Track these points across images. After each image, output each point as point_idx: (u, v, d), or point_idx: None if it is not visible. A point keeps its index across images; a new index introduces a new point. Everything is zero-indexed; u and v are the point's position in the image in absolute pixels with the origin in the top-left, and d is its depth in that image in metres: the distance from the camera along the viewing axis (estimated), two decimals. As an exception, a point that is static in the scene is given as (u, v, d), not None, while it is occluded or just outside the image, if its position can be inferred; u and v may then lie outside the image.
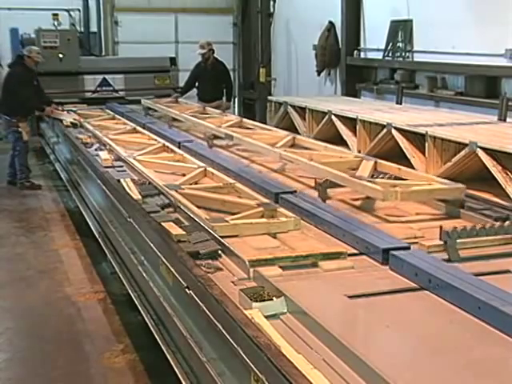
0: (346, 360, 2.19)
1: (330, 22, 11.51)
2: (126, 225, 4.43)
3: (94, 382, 4.07)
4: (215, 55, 10.03)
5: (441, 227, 3.28)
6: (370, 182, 4.19)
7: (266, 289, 2.75)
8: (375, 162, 4.85)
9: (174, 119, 8.17)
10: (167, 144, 6.11)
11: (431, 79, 9.18)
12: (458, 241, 3.19)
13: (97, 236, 5.67)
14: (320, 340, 2.36)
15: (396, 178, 4.52)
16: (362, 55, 11.09)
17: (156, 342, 3.49)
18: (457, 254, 3.15)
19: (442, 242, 3.26)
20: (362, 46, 11.08)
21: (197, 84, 10.18)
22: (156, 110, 9.06)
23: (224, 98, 10.02)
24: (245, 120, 7.56)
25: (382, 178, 4.51)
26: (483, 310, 2.44)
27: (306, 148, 5.81)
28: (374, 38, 10.69)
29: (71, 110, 9.29)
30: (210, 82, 9.92)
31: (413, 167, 5.34)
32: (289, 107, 8.34)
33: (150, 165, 5.29)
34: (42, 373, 4.17)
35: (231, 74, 11.12)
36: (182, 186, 4.44)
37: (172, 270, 3.27)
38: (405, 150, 5.77)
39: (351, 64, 11.05)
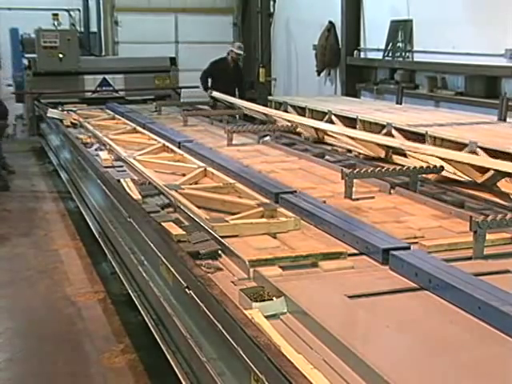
0: (346, 360, 2.19)
1: (330, 22, 11.51)
2: (126, 225, 4.43)
3: (94, 382, 4.07)
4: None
5: (471, 217, 3.27)
6: None
7: (265, 289, 2.74)
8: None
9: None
10: (167, 144, 6.11)
11: (431, 79, 9.18)
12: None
13: (97, 236, 5.67)
14: (320, 340, 2.36)
15: None
16: (362, 55, 11.09)
17: (156, 342, 3.49)
18: (482, 249, 3.12)
19: (442, 242, 3.27)
20: (362, 45, 11.08)
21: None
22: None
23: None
24: None
25: None
26: (483, 310, 2.43)
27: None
28: (374, 38, 10.69)
29: (71, 110, 9.29)
30: (230, 81, 10.41)
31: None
32: (289, 107, 8.34)
33: (150, 165, 5.28)
34: (41, 373, 4.17)
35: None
36: (182, 186, 4.44)
37: (172, 269, 3.26)
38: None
39: (351, 64, 11.05)
